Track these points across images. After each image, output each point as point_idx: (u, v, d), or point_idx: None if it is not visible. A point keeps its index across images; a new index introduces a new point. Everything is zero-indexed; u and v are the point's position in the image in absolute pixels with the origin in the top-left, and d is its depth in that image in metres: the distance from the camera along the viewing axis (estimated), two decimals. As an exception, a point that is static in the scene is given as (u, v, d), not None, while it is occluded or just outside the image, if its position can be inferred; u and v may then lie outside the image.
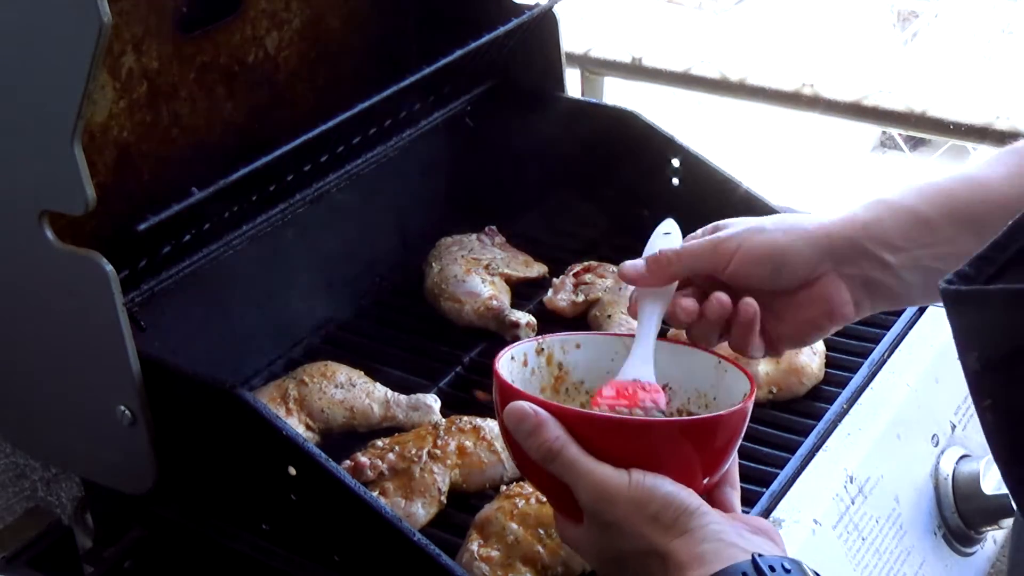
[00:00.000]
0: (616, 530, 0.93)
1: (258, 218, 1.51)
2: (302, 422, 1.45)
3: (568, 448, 0.93)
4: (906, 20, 5.42)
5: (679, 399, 1.06)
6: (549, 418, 0.94)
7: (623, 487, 0.92)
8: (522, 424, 0.95)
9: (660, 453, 0.94)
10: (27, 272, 1.27)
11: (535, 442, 0.94)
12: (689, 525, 0.90)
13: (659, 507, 0.91)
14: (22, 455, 1.57)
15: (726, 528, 0.90)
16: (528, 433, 0.95)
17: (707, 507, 0.92)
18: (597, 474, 0.93)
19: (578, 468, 0.93)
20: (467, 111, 1.82)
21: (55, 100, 1.13)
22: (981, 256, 0.85)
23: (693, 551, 0.89)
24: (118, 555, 1.35)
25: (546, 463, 0.94)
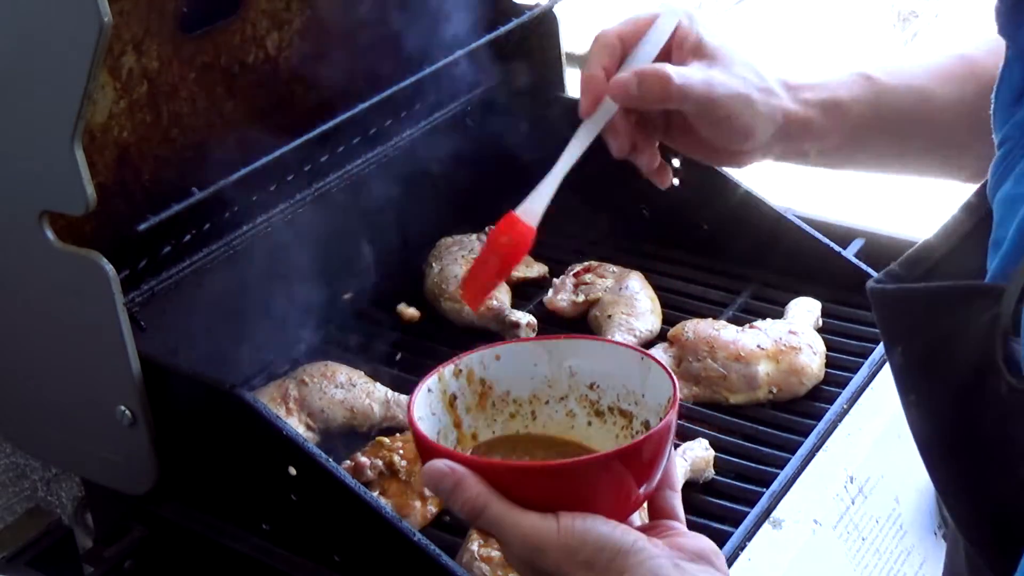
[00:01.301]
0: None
1: (258, 218, 1.51)
2: (302, 422, 1.45)
3: (492, 504, 0.89)
4: (906, 20, 5.41)
5: (609, 397, 1.04)
6: (467, 474, 0.90)
7: (552, 535, 0.88)
8: (441, 484, 0.90)
9: (584, 488, 0.91)
10: (27, 272, 1.27)
11: (457, 501, 0.90)
12: (625, 565, 0.87)
13: (592, 552, 0.87)
14: (22, 455, 1.57)
15: (663, 563, 0.87)
16: (449, 492, 0.90)
17: (642, 542, 0.88)
18: (524, 526, 0.89)
19: (504, 522, 0.89)
20: (467, 111, 1.82)
21: (55, 100, 1.13)
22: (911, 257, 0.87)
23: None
24: (118, 555, 1.35)
25: (472, 520, 0.91)
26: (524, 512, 0.89)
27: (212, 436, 1.30)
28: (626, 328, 1.57)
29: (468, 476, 0.89)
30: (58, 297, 1.26)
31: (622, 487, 0.92)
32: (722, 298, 1.67)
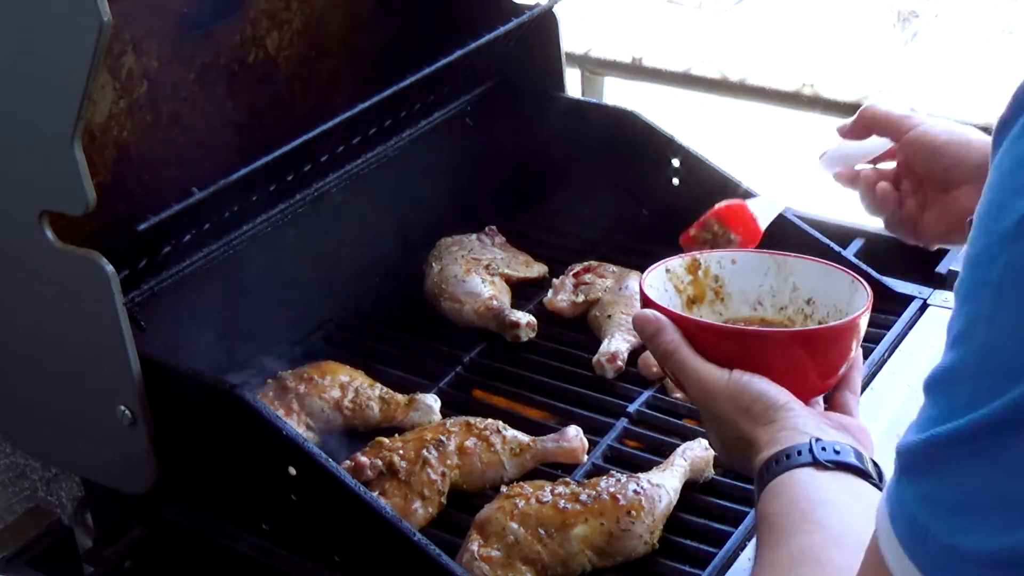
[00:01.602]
0: (719, 421, 1.07)
1: (258, 218, 1.51)
2: (302, 422, 1.44)
3: (680, 349, 1.08)
4: (906, 20, 5.42)
5: (820, 311, 1.18)
6: (667, 324, 1.09)
7: (721, 383, 1.06)
8: (645, 328, 1.10)
9: (764, 357, 1.06)
10: (27, 272, 1.27)
11: (654, 343, 1.09)
12: (774, 417, 1.03)
13: (750, 401, 1.04)
14: (22, 455, 1.57)
15: (807, 420, 1.02)
16: (650, 336, 1.10)
17: (795, 403, 1.04)
18: (701, 372, 1.07)
19: (686, 366, 1.08)
20: (467, 111, 1.82)
21: (55, 100, 1.13)
22: None
23: (771, 436, 1.02)
24: (118, 555, 1.35)
25: (663, 362, 1.10)
26: (705, 362, 1.08)
27: (212, 436, 1.30)
28: (626, 328, 1.57)
29: (667, 324, 1.09)
30: (58, 297, 1.26)
31: (797, 367, 1.07)
32: (722, 298, 1.67)
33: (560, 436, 1.40)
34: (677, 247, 1.77)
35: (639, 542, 1.26)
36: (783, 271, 1.21)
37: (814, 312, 1.19)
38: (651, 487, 1.29)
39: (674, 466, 1.33)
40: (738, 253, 1.23)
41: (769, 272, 1.21)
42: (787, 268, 1.21)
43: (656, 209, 1.78)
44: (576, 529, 1.24)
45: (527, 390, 1.54)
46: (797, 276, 1.20)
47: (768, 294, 1.21)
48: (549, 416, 1.50)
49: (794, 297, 1.20)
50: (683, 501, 1.31)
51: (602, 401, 1.50)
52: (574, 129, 1.81)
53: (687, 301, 1.20)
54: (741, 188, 1.66)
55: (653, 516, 1.27)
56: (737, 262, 1.22)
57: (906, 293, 1.59)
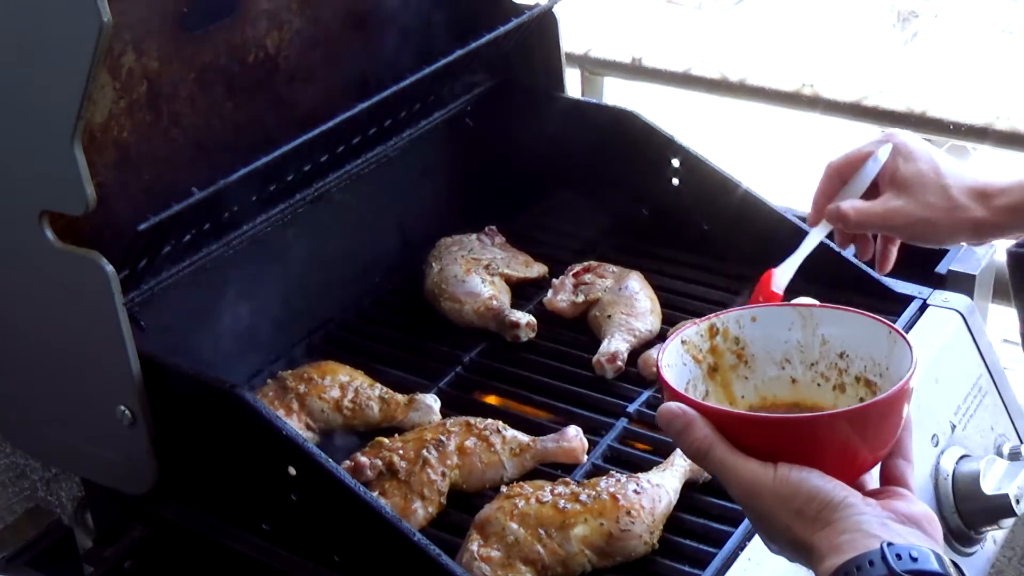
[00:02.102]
0: (767, 522, 0.97)
1: (258, 218, 1.51)
2: (302, 422, 1.45)
3: (716, 447, 0.97)
4: (906, 20, 5.42)
5: (856, 366, 1.08)
6: (697, 418, 0.98)
7: (768, 483, 0.95)
8: (673, 424, 0.99)
9: (808, 444, 0.96)
10: (27, 272, 1.27)
11: (685, 441, 0.98)
12: (832, 517, 0.93)
13: (803, 502, 0.94)
14: (22, 455, 1.57)
15: (869, 519, 0.92)
16: (678, 433, 0.99)
17: (853, 498, 0.94)
18: (743, 471, 0.96)
19: (725, 466, 0.97)
20: (467, 111, 1.82)
21: (55, 100, 1.13)
22: None
23: (833, 542, 0.91)
24: (118, 555, 1.35)
25: (697, 460, 0.99)
26: (746, 458, 0.96)
27: (212, 436, 1.30)
28: (626, 328, 1.57)
29: (697, 419, 0.98)
30: (58, 297, 1.26)
31: (847, 448, 0.96)
32: (722, 298, 1.66)
33: (560, 436, 1.40)
34: (677, 247, 1.78)
35: (639, 542, 1.26)
36: (808, 324, 1.10)
37: (849, 367, 1.08)
38: (651, 487, 1.29)
39: (674, 466, 1.33)
40: (757, 309, 1.12)
41: (794, 326, 1.10)
42: (813, 320, 1.10)
43: (656, 209, 1.78)
44: (576, 529, 1.25)
45: (527, 390, 1.54)
46: (825, 327, 1.09)
47: (796, 350, 1.10)
48: (549, 416, 1.50)
49: (824, 351, 1.09)
50: (683, 501, 1.31)
51: (602, 401, 1.50)
52: (574, 129, 1.81)
53: (708, 371, 1.10)
54: (741, 188, 1.66)
55: (653, 516, 1.27)
56: (758, 319, 1.11)
57: (906, 293, 1.59)
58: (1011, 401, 1.59)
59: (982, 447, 1.50)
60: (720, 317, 1.11)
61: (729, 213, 1.68)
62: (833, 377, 1.09)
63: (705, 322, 1.10)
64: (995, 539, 1.49)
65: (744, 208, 1.67)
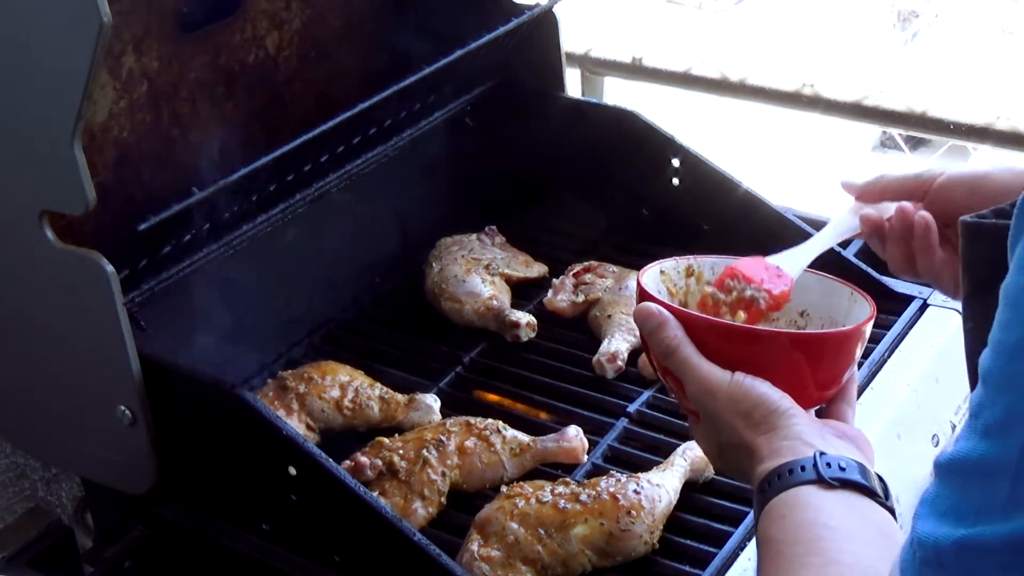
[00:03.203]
0: (716, 422, 1.03)
1: (258, 218, 1.51)
2: (302, 422, 1.45)
3: (683, 347, 1.04)
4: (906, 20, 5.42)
5: (815, 324, 1.15)
6: (671, 319, 1.05)
7: (723, 384, 1.02)
8: (647, 322, 1.05)
9: (767, 360, 1.03)
10: (27, 272, 1.27)
11: (656, 338, 1.05)
12: (775, 424, 0.99)
13: (751, 405, 1.00)
14: (22, 455, 1.57)
15: (809, 429, 0.98)
16: (651, 331, 1.05)
17: (797, 410, 1.00)
18: (703, 370, 1.03)
19: (688, 364, 1.04)
20: (467, 111, 1.82)
21: (55, 100, 1.13)
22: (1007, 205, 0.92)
23: (773, 446, 0.98)
24: (118, 555, 1.35)
25: (664, 358, 1.05)
26: (707, 361, 1.03)
27: (212, 436, 1.30)
28: (626, 328, 1.57)
29: (671, 320, 1.05)
30: (58, 297, 1.26)
31: (797, 373, 1.03)
32: (722, 298, 1.67)
33: (560, 436, 1.40)
34: (677, 247, 1.78)
35: (639, 542, 1.26)
36: None
37: (807, 324, 1.14)
38: (651, 487, 1.29)
39: (674, 466, 1.33)
40: (732, 261, 1.16)
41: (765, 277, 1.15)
42: None
43: (656, 209, 1.78)
44: (576, 529, 1.25)
45: (527, 390, 1.54)
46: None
47: None
48: (549, 416, 1.50)
49: (787, 308, 1.14)
50: (683, 501, 1.31)
51: (602, 401, 1.50)
52: (574, 129, 1.81)
53: (679, 305, 1.14)
54: (741, 188, 1.66)
55: (653, 516, 1.27)
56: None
57: (906, 293, 1.59)
58: (1011, 401, 1.59)
59: (982, 447, 1.50)
60: (698, 260, 1.18)
61: (729, 213, 1.68)
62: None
63: (684, 261, 1.18)
64: (995, 539, 1.49)
65: (744, 208, 1.67)
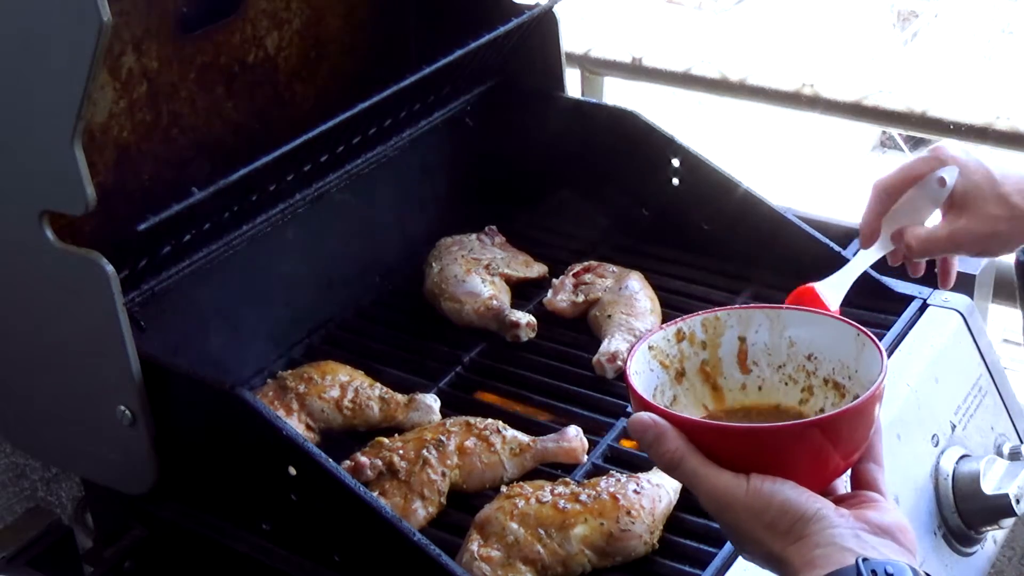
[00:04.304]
0: (740, 535, 0.96)
1: (258, 218, 1.51)
2: (302, 422, 1.45)
3: (688, 459, 0.96)
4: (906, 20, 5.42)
5: (824, 368, 1.07)
6: (669, 429, 0.97)
7: (740, 494, 0.94)
8: (644, 436, 0.98)
9: (780, 452, 0.95)
10: (27, 272, 1.27)
11: (656, 453, 0.97)
12: (805, 531, 0.92)
13: (776, 515, 0.93)
14: (22, 455, 1.57)
15: (842, 532, 0.91)
16: (649, 444, 0.98)
17: (826, 511, 0.92)
18: (715, 483, 0.95)
19: (697, 477, 0.96)
20: (467, 111, 1.82)
21: (55, 100, 1.13)
22: None
23: (806, 557, 0.90)
24: (118, 555, 1.35)
25: (669, 472, 0.98)
26: (718, 470, 0.95)
27: (212, 436, 1.30)
28: (626, 328, 1.57)
29: (669, 430, 0.96)
30: (58, 297, 1.26)
31: (819, 456, 0.95)
32: (722, 298, 1.66)
33: (560, 436, 1.40)
34: (677, 247, 1.78)
35: (639, 542, 1.26)
36: (776, 326, 1.09)
37: (817, 369, 1.07)
38: (651, 487, 1.29)
39: (674, 466, 1.33)
40: (722, 311, 1.10)
41: (761, 328, 1.09)
42: (780, 322, 1.09)
43: (656, 209, 1.78)
44: (576, 529, 1.25)
45: (527, 390, 1.54)
46: (792, 329, 1.08)
47: (763, 353, 1.09)
48: (549, 416, 1.50)
49: (792, 353, 1.08)
50: (683, 501, 1.31)
51: (602, 401, 1.50)
52: (574, 129, 1.81)
53: (676, 375, 1.08)
54: (741, 188, 1.66)
55: (653, 516, 1.27)
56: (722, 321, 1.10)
57: (906, 293, 1.59)
58: (1011, 401, 1.60)
59: (982, 447, 1.50)
60: (687, 321, 1.10)
61: (729, 213, 1.68)
62: (801, 379, 1.08)
63: (672, 327, 1.09)
64: (995, 539, 1.49)
65: (744, 208, 1.67)
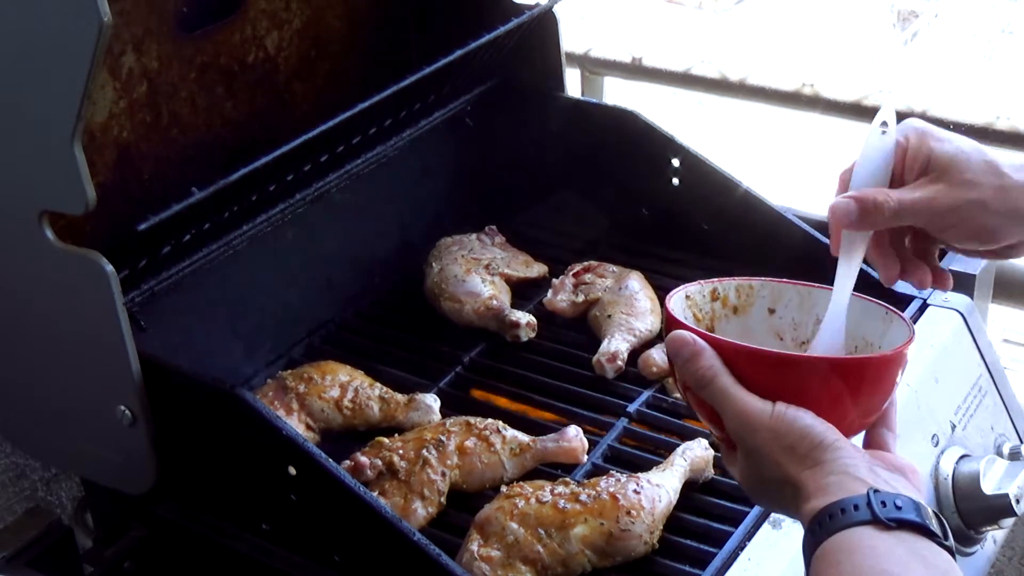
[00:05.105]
0: (757, 457, 0.98)
1: (258, 218, 1.51)
2: (302, 422, 1.45)
3: (720, 377, 0.99)
4: (906, 20, 5.42)
5: (849, 346, 1.09)
6: (706, 347, 0.99)
7: (765, 417, 0.97)
8: (681, 351, 1.00)
9: (807, 388, 0.98)
10: (27, 272, 1.27)
11: (691, 368, 1.00)
12: (822, 458, 0.94)
13: (796, 439, 0.95)
14: (22, 455, 1.57)
15: (858, 463, 0.94)
16: (685, 360, 1.00)
17: (843, 442, 0.95)
18: (742, 403, 0.98)
19: (727, 396, 0.98)
20: (467, 111, 1.82)
21: (55, 100, 1.13)
22: None
23: (820, 482, 0.93)
24: (118, 555, 1.35)
25: (699, 389, 1.00)
26: (747, 392, 0.98)
27: (212, 436, 1.30)
28: (626, 328, 1.57)
29: (707, 349, 1.00)
30: (58, 297, 1.26)
31: (838, 401, 0.98)
32: (722, 298, 1.67)
33: (560, 436, 1.40)
34: (677, 247, 1.78)
35: (639, 542, 1.26)
36: (806, 303, 1.11)
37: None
38: (651, 487, 1.29)
39: (674, 466, 1.33)
40: (758, 282, 1.13)
41: (790, 304, 1.12)
42: (811, 300, 1.11)
43: (656, 209, 1.78)
44: (576, 529, 1.25)
45: (527, 390, 1.54)
46: (821, 309, 1.09)
47: (789, 327, 1.12)
48: (549, 416, 1.50)
49: (816, 331, 1.10)
50: (683, 501, 1.31)
51: (602, 401, 1.50)
52: (574, 129, 1.81)
53: (706, 330, 1.09)
54: (741, 188, 1.67)
55: (653, 516, 1.27)
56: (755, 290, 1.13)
57: (906, 293, 1.59)
58: (1011, 401, 1.59)
59: (982, 447, 1.50)
60: (723, 283, 1.13)
61: (729, 213, 1.68)
62: None
63: (709, 284, 1.12)
64: (995, 539, 1.49)
65: (744, 208, 1.67)
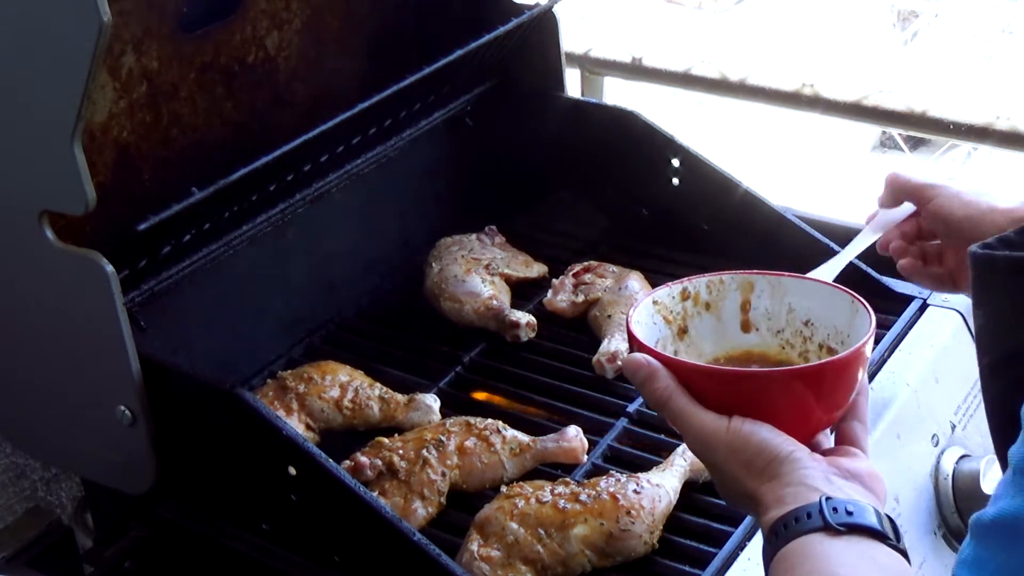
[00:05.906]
0: (719, 473, 1.01)
1: (258, 218, 1.51)
2: (302, 422, 1.45)
3: (675, 397, 1.01)
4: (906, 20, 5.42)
5: (820, 334, 1.12)
6: (660, 368, 1.02)
7: (721, 433, 0.99)
8: (636, 374, 1.03)
9: (764, 398, 1.00)
10: (27, 272, 1.27)
11: (646, 391, 1.03)
12: (778, 471, 0.96)
13: (752, 454, 0.98)
14: (22, 455, 1.57)
15: (813, 474, 0.96)
16: (641, 382, 1.03)
17: (800, 453, 0.97)
18: (699, 421, 1.00)
19: (683, 415, 1.01)
20: (467, 111, 1.82)
21: (55, 100, 1.13)
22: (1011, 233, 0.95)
23: (777, 493, 0.95)
24: (118, 555, 1.35)
25: (658, 409, 1.03)
26: (703, 410, 1.01)
27: (212, 436, 1.31)
28: (626, 329, 1.57)
29: (660, 370, 1.02)
30: (58, 297, 1.26)
31: (800, 406, 1.00)
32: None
33: (560, 436, 1.40)
34: (677, 247, 1.78)
35: (639, 542, 1.26)
36: (777, 292, 1.14)
37: (813, 334, 1.12)
38: (651, 487, 1.29)
39: (674, 466, 1.33)
40: (727, 276, 1.15)
41: (763, 294, 1.14)
42: (781, 289, 1.14)
43: (656, 209, 1.78)
44: (576, 529, 1.25)
45: (527, 390, 1.54)
46: (792, 297, 1.13)
47: (763, 317, 1.14)
48: (549, 416, 1.50)
49: (791, 319, 1.13)
50: (683, 501, 1.31)
51: (602, 401, 1.50)
52: (574, 129, 1.81)
53: (678, 331, 1.13)
54: (741, 188, 1.67)
55: (653, 516, 1.27)
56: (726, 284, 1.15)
57: (906, 293, 1.59)
58: (1011, 401, 1.59)
59: (982, 447, 1.50)
60: (693, 281, 1.15)
61: (729, 213, 1.68)
62: (798, 344, 1.13)
63: (678, 285, 1.14)
64: (995, 539, 1.49)
65: (744, 208, 1.67)
